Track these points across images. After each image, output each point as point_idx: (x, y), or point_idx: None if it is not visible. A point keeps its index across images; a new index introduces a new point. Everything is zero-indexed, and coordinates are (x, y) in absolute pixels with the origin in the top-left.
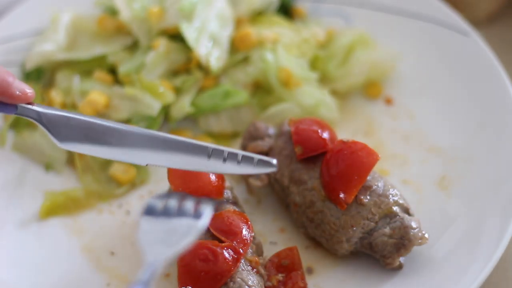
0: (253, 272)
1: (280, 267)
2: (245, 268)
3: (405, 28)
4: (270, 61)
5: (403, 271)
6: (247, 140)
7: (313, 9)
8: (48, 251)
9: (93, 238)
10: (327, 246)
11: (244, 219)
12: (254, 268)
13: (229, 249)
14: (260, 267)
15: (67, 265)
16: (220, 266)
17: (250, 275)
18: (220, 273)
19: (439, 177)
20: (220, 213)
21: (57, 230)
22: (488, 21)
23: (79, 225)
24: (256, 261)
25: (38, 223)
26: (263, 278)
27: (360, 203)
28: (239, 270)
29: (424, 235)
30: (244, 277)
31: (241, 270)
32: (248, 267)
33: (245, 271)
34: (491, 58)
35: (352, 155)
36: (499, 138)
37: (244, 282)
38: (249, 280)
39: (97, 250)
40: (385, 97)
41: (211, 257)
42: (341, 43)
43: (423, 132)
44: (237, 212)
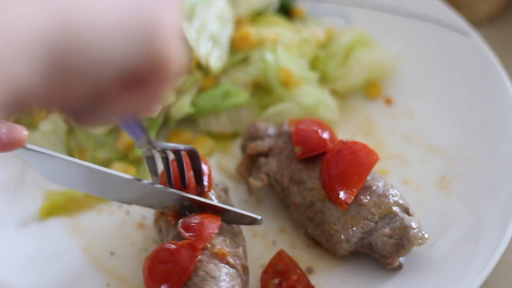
0: (222, 264)
1: (276, 274)
2: (211, 261)
3: (405, 28)
4: (270, 61)
5: (403, 271)
6: (247, 140)
7: (313, 9)
8: (48, 251)
9: (93, 238)
10: (327, 246)
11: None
12: (223, 260)
13: (187, 247)
14: (230, 258)
15: (67, 265)
16: (178, 264)
17: (216, 267)
18: (179, 271)
19: (439, 177)
20: (193, 215)
21: (57, 230)
22: (488, 21)
23: (79, 225)
24: (222, 253)
25: (38, 223)
26: (236, 269)
27: (360, 203)
28: (204, 263)
29: (424, 235)
30: (208, 270)
31: (205, 263)
32: (215, 260)
33: (211, 264)
34: (491, 58)
35: (352, 155)
36: (499, 138)
37: (207, 274)
38: (215, 272)
39: (97, 250)
40: (385, 97)
41: (169, 257)
42: (341, 43)
43: (423, 132)
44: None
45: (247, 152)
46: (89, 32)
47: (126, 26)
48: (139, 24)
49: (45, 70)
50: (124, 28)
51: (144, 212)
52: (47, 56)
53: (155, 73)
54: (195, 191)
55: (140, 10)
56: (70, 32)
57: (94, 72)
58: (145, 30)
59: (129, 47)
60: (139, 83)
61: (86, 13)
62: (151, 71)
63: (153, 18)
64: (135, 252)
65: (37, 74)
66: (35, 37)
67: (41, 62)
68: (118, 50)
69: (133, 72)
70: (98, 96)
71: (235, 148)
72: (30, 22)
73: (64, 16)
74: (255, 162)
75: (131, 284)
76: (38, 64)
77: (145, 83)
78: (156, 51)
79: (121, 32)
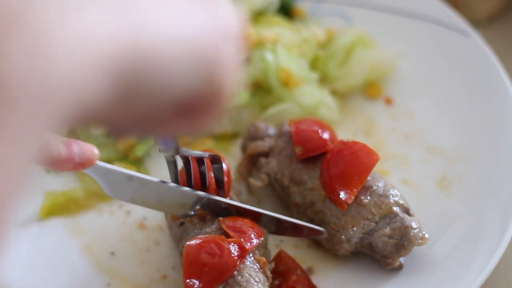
0: (261, 271)
1: (276, 274)
2: (254, 266)
3: (405, 28)
4: (270, 61)
5: (403, 271)
6: (247, 141)
7: (313, 9)
8: (48, 251)
9: (93, 238)
10: (328, 246)
11: (256, 226)
12: (262, 268)
13: (236, 245)
14: (267, 269)
15: (67, 265)
16: (225, 260)
17: (257, 273)
18: (225, 267)
19: (439, 177)
20: (231, 217)
21: (57, 231)
22: (488, 21)
23: (79, 226)
24: (264, 262)
25: (38, 223)
26: (268, 280)
27: (360, 203)
28: (248, 266)
29: (425, 235)
30: (251, 273)
31: (249, 267)
32: (256, 265)
33: (253, 268)
34: (491, 58)
35: (352, 155)
36: (499, 138)
37: (252, 277)
38: (258, 277)
39: (97, 250)
40: (385, 97)
41: (217, 251)
42: (341, 43)
43: (423, 132)
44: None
45: (248, 152)
46: (158, 56)
47: (191, 55)
48: (203, 55)
49: (112, 90)
50: (190, 56)
51: (144, 212)
52: (116, 76)
53: (208, 103)
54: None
55: (207, 41)
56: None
57: (156, 97)
58: (209, 62)
59: (190, 76)
60: (190, 111)
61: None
62: (204, 101)
63: (217, 51)
64: (135, 252)
65: (104, 94)
66: (106, 55)
67: (110, 81)
68: (181, 78)
69: (188, 100)
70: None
71: (235, 148)
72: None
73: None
74: (256, 162)
75: (131, 284)
76: (106, 83)
77: (196, 111)
78: (214, 84)
79: (186, 60)
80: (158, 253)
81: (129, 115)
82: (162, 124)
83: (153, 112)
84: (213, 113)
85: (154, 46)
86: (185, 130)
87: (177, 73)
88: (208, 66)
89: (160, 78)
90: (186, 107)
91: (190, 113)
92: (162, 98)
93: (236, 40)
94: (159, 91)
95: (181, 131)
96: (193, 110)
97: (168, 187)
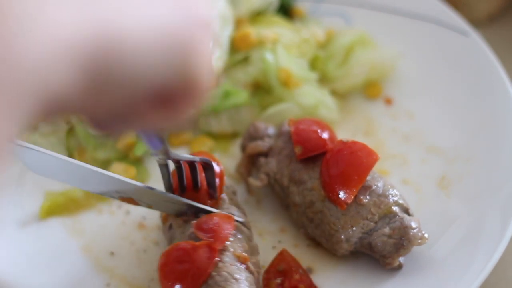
0: (243, 267)
1: (278, 273)
2: (233, 263)
3: (405, 28)
4: (270, 61)
5: (403, 271)
6: (247, 140)
7: (313, 9)
8: (48, 251)
9: (92, 238)
10: (327, 246)
11: (228, 219)
12: (244, 263)
13: (205, 248)
14: (250, 264)
15: (67, 265)
16: (196, 265)
17: (238, 269)
18: (198, 272)
19: (439, 177)
20: (208, 215)
21: (56, 230)
22: (488, 21)
23: (79, 225)
24: (244, 257)
25: (38, 223)
26: (253, 275)
27: (359, 203)
28: (226, 265)
29: (424, 235)
30: (231, 271)
31: (228, 265)
32: (237, 263)
33: (234, 266)
34: (491, 58)
35: (352, 155)
36: (499, 138)
37: (230, 275)
38: (236, 274)
39: (96, 250)
40: (385, 97)
41: (185, 257)
42: (341, 43)
43: (423, 132)
44: (223, 214)
45: (247, 152)
46: (129, 45)
47: (164, 44)
48: (176, 44)
49: (81, 79)
50: (162, 45)
51: (144, 212)
52: (85, 65)
53: (184, 92)
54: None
55: (179, 30)
56: (110, 42)
57: (129, 86)
58: (182, 50)
59: (164, 64)
60: (167, 100)
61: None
62: (181, 90)
63: (190, 40)
64: (135, 252)
65: (73, 82)
66: (74, 44)
67: (79, 70)
68: (154, 66)
69: (164, 89)
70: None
71: (235, 148)
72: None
73: (104, 25)
74: (255, 162)
75: (131, 284)
76: (75, 72)
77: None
78: (190, 72)
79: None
80: (157, 253)
81: (103, 105)
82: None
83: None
84: (191, 103)
85: (124, 34)
86: (165, 121)
87: (149, 61)
88: (182, 55)
89: (131, 66)
90: (163, 97)
91: (168, 103)
92: (135, 86)
93: (208, 28)
94: (131, 80)
95: (161, 123)
96: (170, 100)
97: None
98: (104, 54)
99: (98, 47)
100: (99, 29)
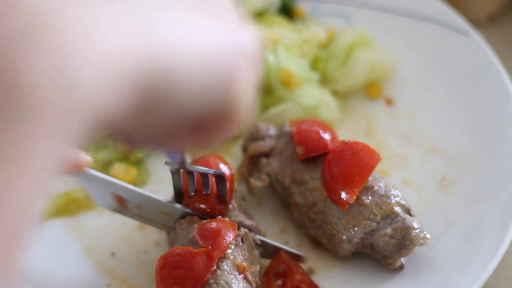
0: (241, 277)
1: (278, 275)
2: (232, 272)
3: (405, 28)
4: (271, 62)
5: (404, 271)
6: (248, 141)
7: (313, 9)
8: (48, 252)
9: (93, 239)
10: (328, 246)
11: (231, 226)
12: (242, 273)
13: (203, 255)
14: (249, 274)
15: (68, 266)
16: (193, 272)
17: (236, 279)
18: (193, 279)
19: (439, 177)
20: (212, 220)
21: (58, 231)
22: (488, 21)
23: (80, 226)
24: (243, 267)
25: (39, 224)
26: (251, 285)
27: (361, 203)
28: (225, 273)
29: (426, 235)
30: (229, 280)
31: (226, 273)
32: (235, 272)
33: (232, 275)
34: (491, 58)
35: (354, 155)
36: (499, 138)
37: (227, 284)
38: (234, 284)
39: (97, 251)
40: (386, 97)
41: (183, 263)
42: (341, 44)
43: (423, 132)
44: (227, 222)
45: (248, 152)
46: (178, 70)
47: (210, 72)
48: (221, 72)
49: (132, 104)
50: (208, 73)
51: None
52: (136, 92)
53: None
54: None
55: (225, 58)
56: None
57: (175, 112)
58: (226, 80)
59: (207, 93)
60: (203, 128)
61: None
62: (218, 119)
63: (235, 70)
64: (136, 253)
65: (124, 107)
66: (129, 68)
67: (130, 94)
68: (198, 95)
69: (203, 117)
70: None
71: (236, 148)
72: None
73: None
74: (256, 163)
75: (132, 285)
76: (127, 97)
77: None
78: (230, 102)
79: (203, 77)
80: (158, 254)
81: (145, 129)
82: (175, 139)
83: (168, 127)
84: (225, 131)
85: (175, 61)
86: (195, 146)
87: (195, 89)
88: (225, 84)
89: (179, 94)
90: (200, 124)
91: (203, 130)
92: (178, 114)
93: (254, 60)
94: (178, 106)
95: (191, 146)
96: (206, 127)
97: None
98: (156, 80)
99: (151, 72)
100: (151, 54)
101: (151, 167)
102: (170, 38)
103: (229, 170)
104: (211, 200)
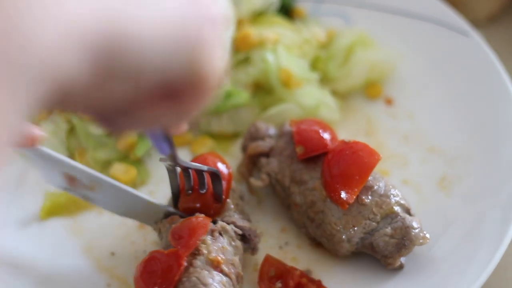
0: (217, 271)
1: (273, 278)
2: (205, 267)
3: (405, 28)
4: (271, 62)
5: (404, 271)
6: (248, 141)
7: (313, 9)
8: (48, 251)
9: (93, 239)
10: (328, 246)
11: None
12: (217, 267)
13: (172, 256)
14: (224, 266)
15: (67, 265)
16: (164, 273)
17: (210, 274)
18: (165, 281)
19: (439, 177)
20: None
21: (57, 231)
22: (488, 21)
23: (80, 226)
24: (217, 261)
25: (38, 223)
26: (229, 278)
27: (361, 203)
28: (197, 270)
29: (426, 235)
30: (201, 276)
31: (199, 269)
32: (208, 267)
33: (205, 270)
34: (491, 58)
35: (354, 155)
36: (499, 138)
37: (199, 281)
38: (208, 279)
39: (97, 250)
40: (386, 97)
41: (156, 266)
42: (341, 44)
43: (423, 132)
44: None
45: (248, 152)
46: (137, 36)
47: (173, 37)
48: (187, 38)
49: (89, 68)
50: (172, 39)
51: None
52: (93, 54)
53: (190, 88)
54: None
55: (189, 25)
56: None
57: (135, 78)
58: (191, 45)
59: (172, 58)
60: (174, 96)
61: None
62: (187, 86)
63: (199, 36)
64: (135, 252)
65: (81, 71)
66: (84, 31)
67: (87, 59)
68: (162, 60)
69: (171, 84)
70: (132, 103)
71: (236, 148)
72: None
73: (114, 16)
74: (256, 163)
75: (131, 285)
76: (83, 60)
77: (180, 97)
78: (199, 67)
79: (167, 42)
80: None
81: (108, 97)
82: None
83: (133, 94)
84: (197, 100)
85: (133, 26)
86: (169, 118)
87: (158, 54)
88: (190, 50)
89: (139, 59)
90: (169, 91)
91: (173, 98)
92: (142, 79)
93: (220, 24)
94: (138, 70)
95: (166, 119)
96: (176, 95)
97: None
98: (113, 43)
99: (107, 35)
100: (109, 17)
101: (150, 167)
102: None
103: (226, 169)
104: (207, 199)
